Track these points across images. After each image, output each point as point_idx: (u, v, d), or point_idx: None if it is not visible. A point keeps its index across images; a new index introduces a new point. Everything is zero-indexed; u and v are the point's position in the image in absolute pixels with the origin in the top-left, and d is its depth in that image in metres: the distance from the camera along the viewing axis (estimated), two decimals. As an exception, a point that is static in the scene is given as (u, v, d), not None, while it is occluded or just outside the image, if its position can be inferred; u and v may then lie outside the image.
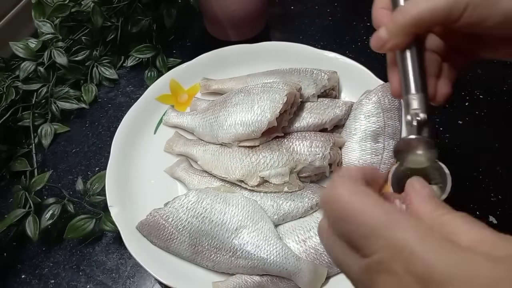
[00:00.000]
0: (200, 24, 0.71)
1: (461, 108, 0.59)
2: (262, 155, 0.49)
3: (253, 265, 0.43)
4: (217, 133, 0.51)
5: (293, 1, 0.75)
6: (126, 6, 0.66)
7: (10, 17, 0.68)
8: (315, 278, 0.42)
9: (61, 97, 0.63)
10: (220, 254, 0.44)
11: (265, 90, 0.51)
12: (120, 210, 0.48)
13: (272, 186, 0.48)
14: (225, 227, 0.45)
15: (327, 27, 0.71)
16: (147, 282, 0.48)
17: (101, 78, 0.66)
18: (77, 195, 0.53)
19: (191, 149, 0.53)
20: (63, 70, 0.63)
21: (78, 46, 0.66)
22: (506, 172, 0.53)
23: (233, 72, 0.59)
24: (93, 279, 0.49)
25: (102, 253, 0.51)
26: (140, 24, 0.67)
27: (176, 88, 0.59)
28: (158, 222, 0.46)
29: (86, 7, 0.64)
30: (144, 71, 0.66)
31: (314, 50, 0.58)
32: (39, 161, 0.59)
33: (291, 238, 0.45)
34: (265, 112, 0.48)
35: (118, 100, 0.65)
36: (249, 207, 0.46)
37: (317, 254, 0.43)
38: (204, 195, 0.47)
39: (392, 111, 0.51)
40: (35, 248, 0.52)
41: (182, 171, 0.52)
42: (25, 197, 0.52)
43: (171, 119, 0.56)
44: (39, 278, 0.50)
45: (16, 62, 0.64)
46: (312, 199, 0.47)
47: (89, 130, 0.62)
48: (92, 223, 0.50)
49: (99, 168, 0.58)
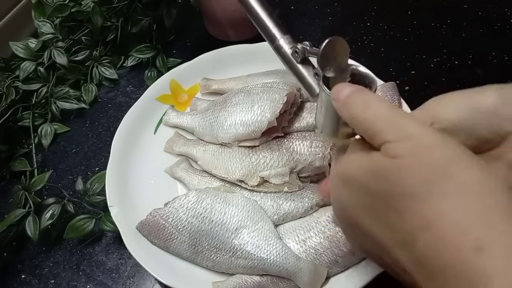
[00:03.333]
0: (200, 24, 0.71)
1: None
2: (262, 155, 0.49)
3: (253, 265, 0.43)
4: (217, 133, 0.51)
5: (293, 1, 0.75)
6: (126, 6, 0.66)
7: (10, 17, 0.68)
8: (315, 278, 0.42)
9: (61, 97, 0.63)
10: (220, 254, 0.44)
11: (265, 90, 0.51)
12: (120, 210, 0.48)
13: (272, 186, 0.48)
14: (225, 227, 0.45)
15: (327, 27, 0.71)
16: (147, 282, 0.48)
17: (101, 78, 0.66)
18: (77, 195, 0.53)
19: (191, 149, 0.53)
20: (63, 70, 0.63)
21: (78, 46, 0.66)
22: (506, 172, 0.53)
23: (233, 72, 0.59)
24: (93, 279, 0.49)
25: (102, 253, 0.51)
26: (140, 24, 0.67)
27: (176, 88, 0.59)
28: (158, 222, 0.46)
29: (86, 7, 0.64)
30: (144, 71, 0.66)
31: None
32: (39, 161, 0.59)
33: (291, 238, 0.45)
34: (265, 112, 0.48)
35: (118, 100, 0.65)
36: (249, 207, 0.46)
37: (317, 254, 0.43)
38: (204, 195, 0.47)
39: (392, 111, 0.51)
40: (35, 248, 0.52)
41: (182, 171, 0.52)
42: (25, 197, 0.52)
43: (171, 119, 0.56)
44: (39, 278, 0.50)
45: (16, 62, 0.64)
46: (312, 199, 0.47)
47: (89, 130, 0.62)
48: (92, 223, 0.50)
49: (99, 168, 0.58)
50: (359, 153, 0.27)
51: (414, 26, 0.70)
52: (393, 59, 0.65)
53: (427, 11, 0.72)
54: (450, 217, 0.22)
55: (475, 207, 0.21)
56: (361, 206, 0.27)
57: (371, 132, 0.26)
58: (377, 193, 0.25)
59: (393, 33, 0.69)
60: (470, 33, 0.68)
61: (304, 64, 0.36)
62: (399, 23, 0.70)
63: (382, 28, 0.70)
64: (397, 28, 0.69)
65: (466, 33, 0.68)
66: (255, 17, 0.39)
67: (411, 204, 0.23)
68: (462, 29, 0.68)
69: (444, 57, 0.65)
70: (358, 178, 0.26)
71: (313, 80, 0.36)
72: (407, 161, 0.23)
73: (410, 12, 0.72)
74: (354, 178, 0.27)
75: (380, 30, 0.70)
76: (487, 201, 0.22)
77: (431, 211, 0.22)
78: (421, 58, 0.65)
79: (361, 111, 0.26)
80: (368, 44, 0.68)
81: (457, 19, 0.70)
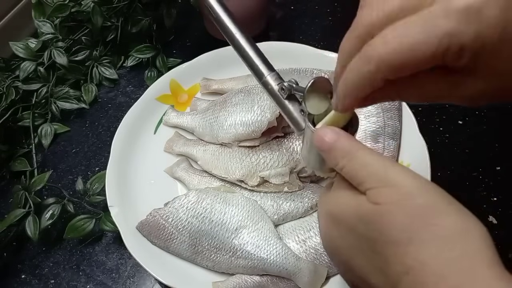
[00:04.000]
0: (200, 24, 0.71)
1: (461, 108, 0.59)
2: (262, 155, 0.49)
3: (253, 265, 0.43)
4: (217, 133, 0.51)
5: (293, 1, 0.75)
6: (126, 6, 0.66)
7: (10, 17, 0.68)
8: (315, 278, 0.42)
9: (61, 97, 0.63)
10: (220, 254, 0.44)
11: (265, 90, 0.51)
12: (120, 210, 0.48)
13: (272, 186, 0.48)
14: (225, 227, 0.45)
15: (327, 27, 0.71)
16: (147, 282, 0.48)
17: (101, 78, 0.66)
18: (77, 195, 0.53)
19: (191, 149, 0.53)
20: (63, 70, 0.63)
21: (78, 46, 0.66)
22: (506, 172, 0.53)
23: (233, 72, 0.59)
24: (93, 279, 0.49)
25: (102, 253, 0.51)
26: (140, 24, 0.67)
27: (176, 88, 0.59)
28: (158, 222, 0.46)
29: (86, 7, 0.64)
30: (144, 71, 0.66)
31: (314, 50, 0.58)
32: (39, 161, 0.59)
33: (291, 238, 0.45)
34: (265, 112, 0.48)
35: (118, 100, 0.65)
36: (249, 207, 0.46)
37: (317, 254, 0.43)
38: (204, 195, 0.47)
39: (392, 111, 0.51)
40: (35, 248, 0.52)
41: (182, 171, 0.52)
42: (25, 197, 0.52)
43: (171, 119, 0.56)
44: (39, 278, 0.50)
45: (16, 62, 0.64)
46: (312, 199, 0.47)
47: (89, 130, 0.62)
48: (92, 223, 0.50)
49: (99, 168, 0.58)
50: (347, 193, 0.28)
51: (414, 26, 0.69)
52: (393, 59, 0.65)
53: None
54: (429, 264, 0.22)
55: (453, 254, 0.22)
56: (351, 247, 0.28)
57: (356, 181, 0.27)
58: (364, 236, 0.26)
59: (393, 33, 0.69)
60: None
61: (291, 100, 0.38)
62: (399, 23, 0.70)
63: (382, 28, 0.70)
64: (397, 28, 0.69)
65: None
66: (243, 54, 0.41)
67: (394, 250, 0.24)
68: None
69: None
70: (346, 220, 0.27)
71: (299, 115, 0.37)
72: (389, 208, 0.24)
73: (410, 12, 0.72)
74: (342, 219, 0.28)
75: (380, 30, 0.69)
76: (465, 248, 0.22)
77: (411, 258, 0.23)
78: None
79: (345, 163, 0.28)
80: (368, 44, 0.68)
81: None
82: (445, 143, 0.56)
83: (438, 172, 0.46)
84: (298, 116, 0.37)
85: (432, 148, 0.47)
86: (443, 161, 0.51)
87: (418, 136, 0.48)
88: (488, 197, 0.51)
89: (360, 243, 0.27)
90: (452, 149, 0.55)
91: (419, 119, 0.50)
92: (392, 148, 0.49)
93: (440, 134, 0.57)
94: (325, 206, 0.30)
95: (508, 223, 0.48)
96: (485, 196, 0.51)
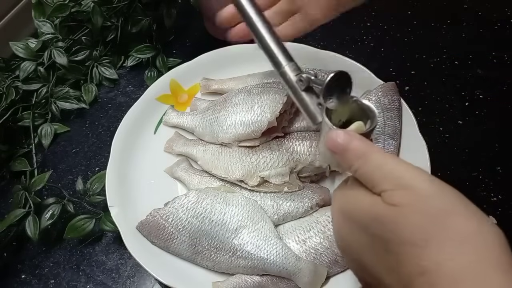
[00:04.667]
0: (200, 24, 0.71)
1: (461, 108, 0.59)
2: (262, 155, 0.49)
3: (253, 265, 0.43)
4: (217, 133, 0.51)
5: (293, 1, 0.75)
6: (126, 6, 0.66)
7: (10, 17, 0.68)
8: (315, 278, 0.42)
9: (61, 97, 0.63)
10: (220, 254, 0.44)
11: (265, 90, 0.51)
12: (120, 210, 0.48)
13: (272, 186, 0.48)
14: (225, 227, 0.45)
15: (327, 27, 0.70)
16: (147, 282, 0.48)
17: (101, 78, 0.66)
18: (77, 195, 0.53)
19: (191, 149, 0.53)
20: (63, 70, 0.63)
21: (78, 46, 0.66)
22: (506, 172, 0.53)
23: (233, 72, 0.59)
24: (93, 279, 0.49)
25: (102, 253, 0.51)
26: (140, 24, 0.67)
27: (176, 88, 0.59)
28: (158, 222, 0.46)
29: (86, 7, 0.64)
30: (144, 71, 0.66)
31: (314, 50, 0.58)
32: (39, 161, 0.59)
33: (291, 238, 0.45)
34: (265, 112, 0.48)
35: (118, 100, 0.65)
36: (249, 207, 0.46)
37: (317, 254, 0.43)
38: (204, 195, 0.47)
39: (392, 111, 0.51)
40: (35, 248, 0.52)
41: (182, 171, 0.52)
42: (25, 197, 0.52)
43: (171, 119, 0.56)
44: (39, 278, 0.50)
45: (16, 62, 0.64)
46: (312, 199, 0.47)
47: (89, 130, 0.62)
48: (92, 223, 0.50)
49: (99, 168, 0.58)
50: (361, 191, 0.28)
51: (414, 26, 0.70)
52: (393, 59, 0.65)
53: (427, 11, 0.72)
54: (445, 266, 0.23)
55: (469, 258, 0.22)
56: (363, 245, 0.28)
57: (370, 183, 0.27)
58: (377, 235, 0.26)
59: (393, 33, 0.69)
60: (470, 33, 0.68)
61: (308, 92, 0.37)
62: (399, 23, 0.70)
63: (382, 28, 0.70)
64: (397, 28, 0.69)
65: (466, 33, 0.68)
66: (262, 42, 0.40)
67: (408, 251, 0.24)
68: (462, 29, 0.68)
69: (444, 57, 0.65)
70: (360, 218, 0.28)
71: (316, 108, 0.36)
72: (406, 209, 0.25)
73: (410, 12, 0.72)
74: (355, 217, 0.28)
75: (380, 30, 0.70)
76: (481, 252, 0.22)
77: (427, 260, 0.23)
78: (421, 58, 0.65)
79: (359, 165, 0.28)
80: (368, 44, 0.68)
81: (457, 19, 0.70)
82: (445, 143, 0.56)
83: (438, 172, 0.45)
84: (314, 109, 0.36)
85: (432, 148, 0.47)
86: (443, 161, 0.50)
87: (418, 136, 0.48)
88: (488, 197, 0.51)
89: (373, 241, 0.27)
90: (452, 149, 0.55)
91: (419, 119, 0.50)
92: (392, 148, 0.49)
93: (440, 134, 0.57)
94: (339, 203, 0.30)
95: (508, 223, 0.48)
96: (485, 196, 0.51)
